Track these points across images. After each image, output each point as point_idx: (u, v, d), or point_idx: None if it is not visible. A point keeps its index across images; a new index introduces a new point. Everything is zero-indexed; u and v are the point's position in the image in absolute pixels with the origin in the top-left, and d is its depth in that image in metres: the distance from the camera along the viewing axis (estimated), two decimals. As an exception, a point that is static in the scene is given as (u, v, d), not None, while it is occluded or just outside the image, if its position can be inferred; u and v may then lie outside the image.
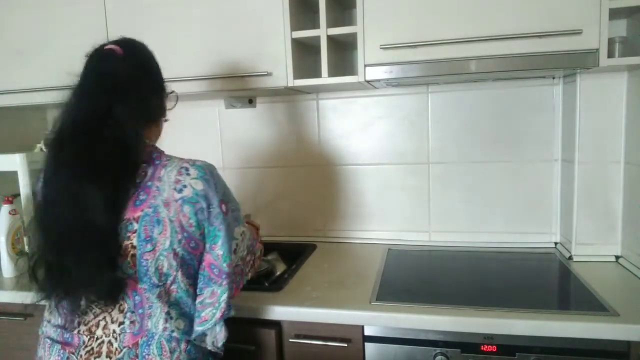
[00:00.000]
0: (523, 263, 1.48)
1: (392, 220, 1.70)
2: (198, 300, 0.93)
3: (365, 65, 1.31)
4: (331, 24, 1.37)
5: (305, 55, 1.49)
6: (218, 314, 0.92)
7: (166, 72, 1.45)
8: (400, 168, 1.67)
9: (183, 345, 0.90)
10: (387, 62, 1.29)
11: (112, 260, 0.86)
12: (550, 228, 1.57)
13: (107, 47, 0.93)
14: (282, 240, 1.77)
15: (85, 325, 0.89)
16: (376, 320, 1.11)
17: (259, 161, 1.80)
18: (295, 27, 1.38)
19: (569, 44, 1.17)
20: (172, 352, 0.88)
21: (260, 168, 1.80)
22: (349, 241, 1.73)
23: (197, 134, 1.84)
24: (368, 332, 1.13)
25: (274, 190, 1.80)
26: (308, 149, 1.74)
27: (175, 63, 1.46)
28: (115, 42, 0.96)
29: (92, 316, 0.89)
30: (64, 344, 0.90)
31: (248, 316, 1.17)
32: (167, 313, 0.89)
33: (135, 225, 0.87)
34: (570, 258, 1.43)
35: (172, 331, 0.89)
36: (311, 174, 1.76)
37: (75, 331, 0.89)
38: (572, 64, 1.19)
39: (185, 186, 0.89)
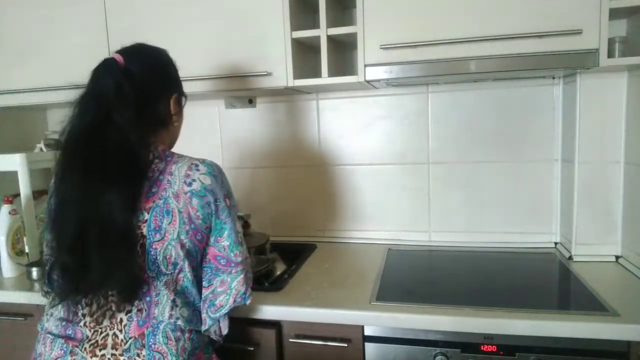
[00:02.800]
0: (523, 263, 1.48)
1: (392, 220, 1.70)
2: (209, 290, 0.97)
3: (365, 65, 1.31)
4: (331, 24, 1.37)
5: (305, 55, 1.49)
6: (231, 300, 0.97)
7: (166, 72, 1.47)
8: (400, 168, 1.67)
9: (187, 334, 0.93)
10: (387, 62, 1.29)
11: (131, 255, 0.89)
12: (550, 228, 1.57)
13: (112, 56, 0.97)
14: (282, 240, 1.77)
15: (91, 316, 0.91)
16: (376, 320, 1.11)
17: (259, 161, 1.80)
18: (295, 27, 1.38)
19: (569, 44, 1.17)
20: (177, 340, 0.91)
21: (261, 168, 1.80)
22: (349, 241, 1.73)
23: (197, 134, 1.84)
24: (368, 332, 1.13)
25: (274, 190, 1.80)
26: (308, 149, 1.74)
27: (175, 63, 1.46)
28: (121, 50, 0.99)
29: (95, 306, 0.91)
30: (67, 338, 0.91)
31: (248, 316, 1.17)
32: (173, 301, 0.92)
33: (146, 216, 0.91)
34: (570, 258, 1.43)
35: (177, 319, 0.92)
36: (311, 174, 1.76)
37: (82, 323, 0.91)
38: (572, 64, 1.19)
39: (194, 180, 0.94)
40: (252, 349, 1.16)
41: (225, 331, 1.01)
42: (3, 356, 1.39)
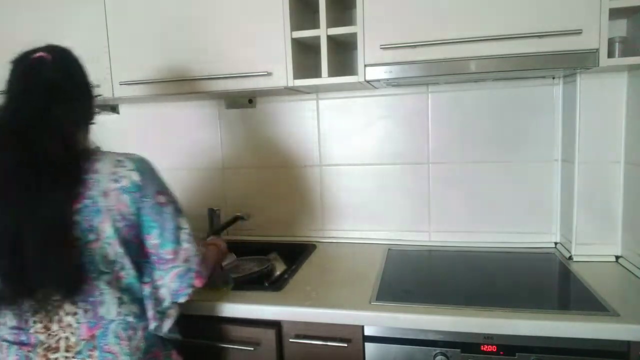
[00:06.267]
0: (523, 263, 1.48)
1: (392, 220, 1.70)
2: (150, 286, 0.96)
3: (365, 65, 1.30)
4: (331, 24, 1.37)
5: (305, 55, 1.49)
6: (168, 295, 0.97)
7: (166, 72, 1.47)
8: (400, 168, 1.67)
9: (140, 332, 0.94)
10: (387, 62, 1.29)
11: (69, 251, 0.88)
12: (550, 228, 1.57)
13: (36, 54, 0.96)
14: (282, 240, 1.77)
15: (41, 322, 0.91)
16: (376, 320, 1.11)
17: (259, 161, 1.80)
18: (295, 27, 1.38)
19: (569, 44, 1.17)
20: (129, 339, 0.92)
21: (260, 168, 1.80)
22: (349, 241, 1.73)
23: (197, 134, 1.84)
24: (368, 332, 1.13)
25: (274, 190, 1.80)
26: (308, 149, 1.74)
27: (175, 63, 1.46)
28: (43, 49, 0.99)
29: (44, 313, 0.90)
30: (21, 344, 0.91)
31: (248, 316, 1.18)
32: (119, 298, 0.92)
33: (76, 217, 0.88)
34: (570, 258, 1.43)
35: (127, 315, 0.92)
36: (311, 174, 1.76)
37: (32, 330, 0.91)
38: (572, 64, 1.19)
39: (122, 177, 0.92)
40: (252, 349, 1.16)
41: (165, 329, 0.99)
42: None
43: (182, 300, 0.98)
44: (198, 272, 0.99)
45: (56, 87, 0.93)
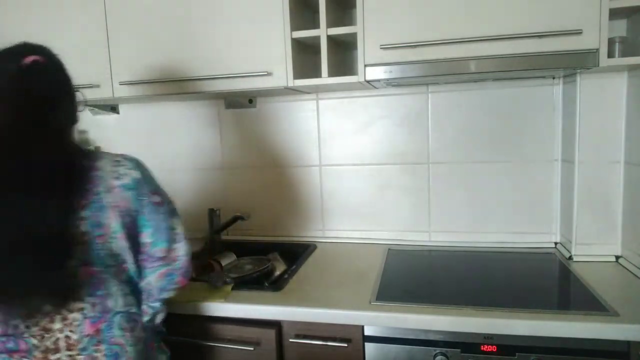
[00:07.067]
0: (523, 263, 1.48)
1: (392, 220, 1.70)
2: (144, 281, 0.99)
3: (365, 65, 1.31)
4: (331, 23, 1.37)
5: (305, 55, 1.49)
6: (155, 293, 1.00)
7: (166, 72, 1.47)
8: (400, 168, 1.67)
9: (140, 324, 0.97)
10: (387, 62, 1.29)
11: (64, 259, 0.86)
12: (550, 228, 1.57)
13: (29, 58, 0.91)
14: (282, 240, 1.77)
15: (36, 325, 0.88)
16: (376, 320, 1.11)
17: (259, 161, 1.80)
18: (295, 27, 1.38)
19: (569, 44, 1.17)
20: (132, 330, 0.95)
21: (260, 168, 1.80)
22: (349, 241, 1.73)
23: (197, 134, 1.84)
24: (368, 332, 1.13)
25: (274, 190, 1.80)
26: (308, 149, 1.74)
27: (175, 63, 1.46)
28: (33, 52, 0.94)
29: (39, 316, 0.88)
30: (10, 352, 0.88)
31: (248, 316, 1.18)
32: (123, 290, 0.95)
33: (83, 213, 0.90)
34: (570, 258, 1.43)
35: (130, 306, 0.96)
36: (311, 174, 1.76)
37: (26, 334, 0.88)
38: (572, 64, 1.19)
39: (123, 174, 0.95)
40: (252, 349, 1.16)
41: (158, 321, 1.03)
42: None
43: (165, 297, 1.01)
44: (185, 272, 1.02)
45: (54, 93, 0.94)
